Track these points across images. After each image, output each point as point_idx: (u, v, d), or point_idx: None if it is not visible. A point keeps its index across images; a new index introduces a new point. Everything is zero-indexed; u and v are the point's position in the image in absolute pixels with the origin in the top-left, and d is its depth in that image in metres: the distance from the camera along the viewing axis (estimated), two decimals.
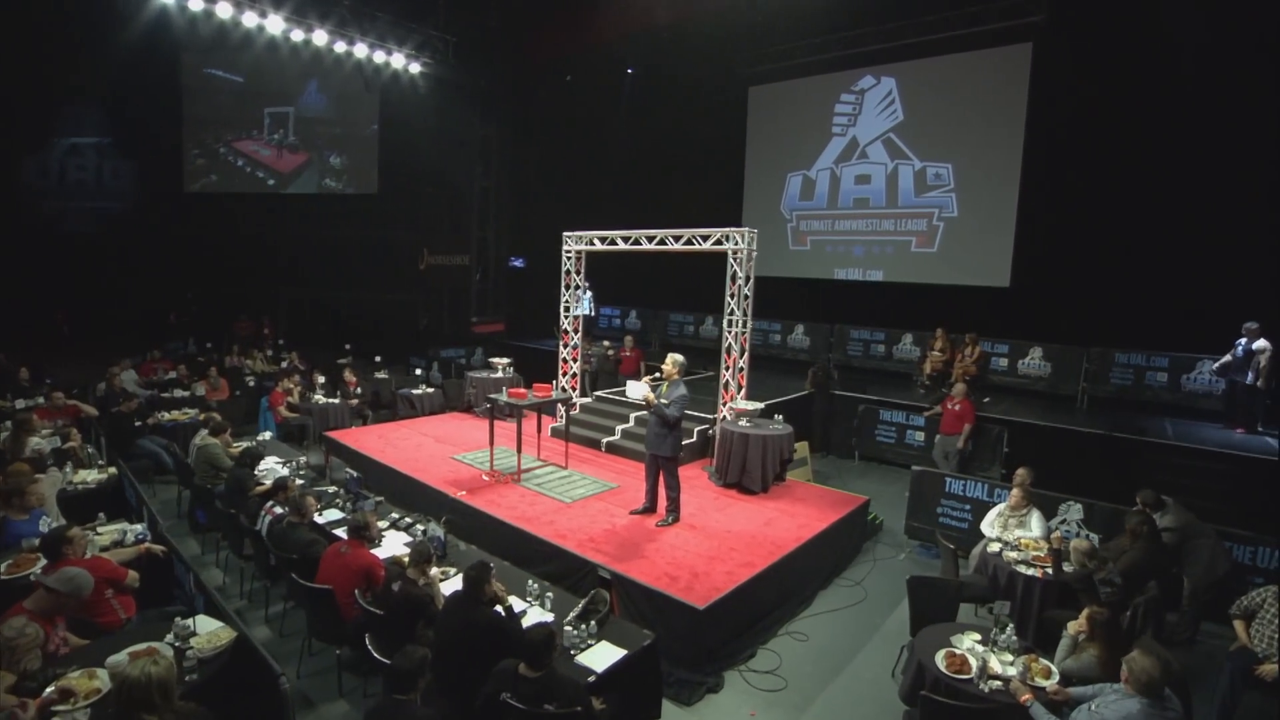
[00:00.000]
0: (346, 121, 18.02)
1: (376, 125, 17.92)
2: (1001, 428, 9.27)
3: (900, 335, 12.66)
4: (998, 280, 12.36)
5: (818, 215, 14.73)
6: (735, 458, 7.29)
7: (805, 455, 8.98)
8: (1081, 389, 10.62)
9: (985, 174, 12.46)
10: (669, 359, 6.32)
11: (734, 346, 8.22)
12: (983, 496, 6.76)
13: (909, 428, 10.08)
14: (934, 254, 13.23)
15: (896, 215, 13.64)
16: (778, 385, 11.12)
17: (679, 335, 15.92)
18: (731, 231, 8.14)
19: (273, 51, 13.05)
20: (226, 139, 17.83)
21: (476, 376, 10.66)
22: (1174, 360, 9.94)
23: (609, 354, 12.10)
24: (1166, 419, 9.66)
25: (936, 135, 13.00)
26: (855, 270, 14.29)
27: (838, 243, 14.50)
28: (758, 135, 15.52)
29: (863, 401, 10.61)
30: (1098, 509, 6.24)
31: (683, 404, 6.17)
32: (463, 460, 8.11)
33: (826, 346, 13.59)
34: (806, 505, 7.00)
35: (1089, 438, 8.91)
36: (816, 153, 14.62)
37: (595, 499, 6.97)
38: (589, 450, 8.81)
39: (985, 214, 12.50)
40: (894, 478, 9.97)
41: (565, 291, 9.82)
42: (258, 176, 18.02)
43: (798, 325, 14.14)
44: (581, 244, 9.60)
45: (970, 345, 11.09)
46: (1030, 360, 11.09)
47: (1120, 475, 8.46)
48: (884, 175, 13.76)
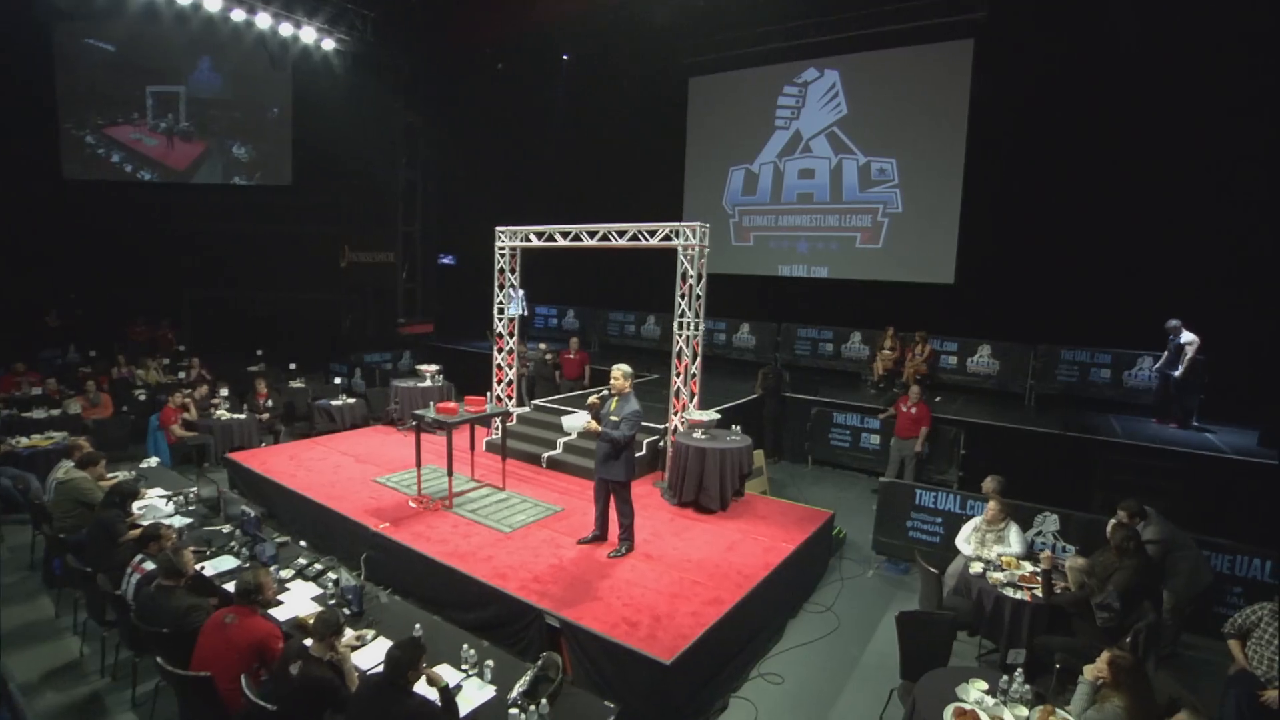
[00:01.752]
0: (250, 104, 16.23)
1: (279, 109, 16.22)
2: (958, 429, 9.02)
3: (848, 334, 12.37)
4: (943, 277, 12.21)
5: (761, 210, 14.32)
6: (691, 474, 6.68)
7: (761, 464, 8.47)
8: (1029, 386, 10.54)
9: (929, 170, 12.29)
10: (617, 371, 5.63)
11: (685, 351, 7.61)
12: (955, 509, 6.37)
13: (864, 431, 9.73)
14: (879, 250, 13.01)
15: (841, 211, 13.36)
16: (725, 387, 10.61)
17: (619, 335, 15.25)
18: (682, 226, 7.52)
19: (153, 20, 11.54)
20: (99, 125, 15.54)
21: (402, 386, 9.68)
22: (1117, 357, 9.95)
23: (547, 358, 11.32)
24: (1111, 415, 9.68)
25: (880, 130, 12.76)
26: (800, 267, 13.95)
27: (781, 238, 14.13)
28: (699, 128, 14.98)
29: (815, 404, 10.21)
30: (1074, 520, 5.94)
31: (635, 422, 5.49)
32: (386, 484, 7.19)
33: (773, 346, 13.19)
34: (770, 524, 6.46)
35: (1044, 438, 8.76)
36: (759, 146, 14.19)
37: (538, 526, 6.21)
38: (528, 467, 8.03)
39: (930, 210, 12.34)
40: (850, 483, 9.62)
41: (499, 292, 8.99)
42: (140, 177, 15.86)
43: (743, 324, 13.69)
44: (517, 240, 8.80)
45: (920, 344, 10.87)
46: (979, 358, 10.95)
47: (1077, 475, 8.38)
48: (828, 170, 13.46)
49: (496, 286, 9.03)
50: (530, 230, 8.67)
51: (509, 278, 8.93)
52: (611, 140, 15.34)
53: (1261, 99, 8.83)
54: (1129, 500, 5.47)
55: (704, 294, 7.69)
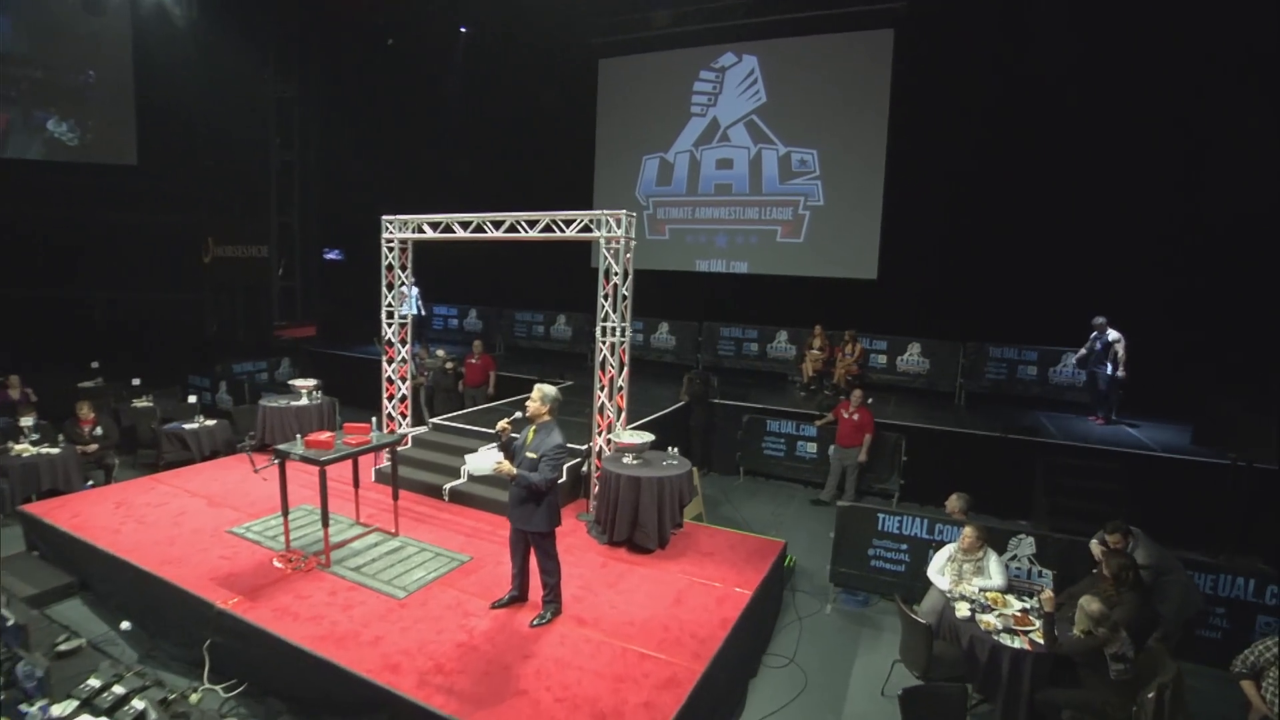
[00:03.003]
0: (57, 63, 13.17)
1: (97, 73, 13.45)
2: (899, 435, 8.51)
3: (774, 333, 11.75)
4: (865, 272, 11.82)
5: (676, 202, 13.50)
6: (624, 508, 5.67)
7: (697, 483, 7.59)
8: (959, 385, 10.25)
9: (851, 162, 11.85)
10: (536, 394, 4.53)
11: (610, 360, 6.60)
12: (922, 534, 5.71)
13: (800, 439, 9.07)
14: (801, 244, 12.47)
15: (761, 203, 12.73)
16: (646, 394, 9.71)
17: (527, 337, 14.01)
18: (605, 215, 6.49)
19: None
20: None
21: (270, 407, 8.08)
22: (1043, 354, 9.82)
23: (447, 366, 9.98)
24: (1040, 412, 9.54)
25: (801, 119, 12.21)
26: (718, 262, 13.23)
27: (699, 232, 13.37)
28: (610, 113, 13.95)
29: (747, 411, 9.47)
30: (1051, 543, 5.38)
31: (558, 461, 4.41)
32: (245, 535, 5.73)
33: (694, 346, 12.40)
34: (718, 562, 5.56)
35: (985, 442, 8.40)
36: (674, 134, 13.35)
37: (441, 585, 5.02)
38: (428, 501, 6.76)
39: (852, 203, 11.91)
40: (786, 496, 8.93)
41: (387, 292, 7.65)
42: None
43: (661, 323, 12.83)
44: (407, 231, 7.48)
45: (850, 343, 10.36)
46: (909, 357, 10.59)
47: (1019, 479, 8.07)
48: (747, 160, 12.79)
49: (385, 286, 7.68)
50: (424, 220, 7.38)
51: (398, 275, 7.60)
52: (514, 125, 14.05)
53: (1187, 92, 8.82)
54: (1115, 522, 4.95)
55: (631, 294, 6.70)
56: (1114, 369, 8.68)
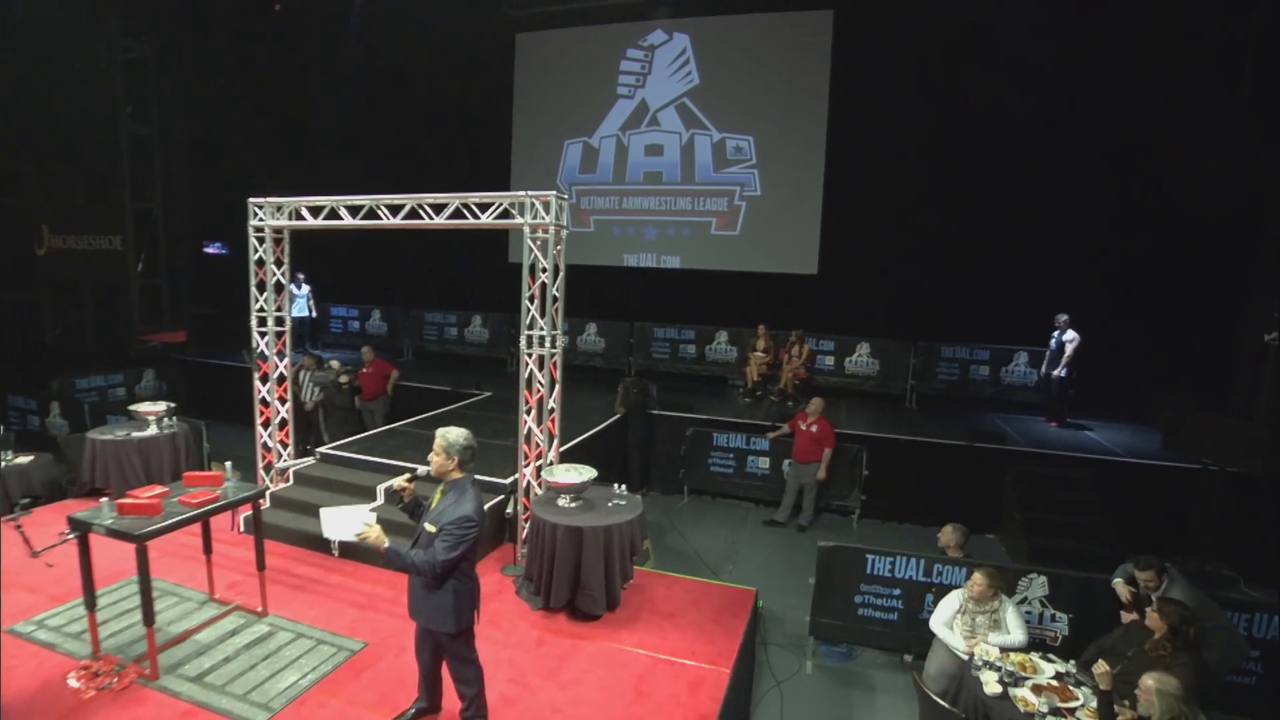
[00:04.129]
0: None
1: None
2: (860, 447, 7.74)
3: (713, 333, 10.82)
4: (805, 267, 11.09)
5: (602, 190, 12.35)
6: (563, 565, 4.50)
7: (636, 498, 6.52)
8: (910, 387, 9.65)
9: (789, 149, 11.08)
10: (439, 442, 3.23)
11: (539, 377, 5.41)
12: (918, 576, 4.85)
13: (750, 453, 8.16)
14: (737, 237, 11.61)
15: (694, 193, 11.78)
16: (575, 405, 8.54)
17: (438, 340, 12.51)
18: (530, 197, 5.30)
19: None
20: None
21: (104, 439, 6.32)
22: (995, 353, 9.36)
23: (341, 380, 8.45)
24: (994, 415, 9.08)
25: (736, 103, 11.33)
26: (648, 256, 12.19)
27: (627, 223, 12.28)
28: (528, 92, 12.62)
29: (691, 423, 8.47)
30: (1065, 582, 4.63)
31: (461, 537, 3.09)
32: (32, 636, 4.14)
33: (626, 349, 11.31)
34: (682, 626, 4.50)
35: (950, 451, 7.75)
36: (599, 117, 12.19)
37: (322, 692, 3.70)
38: (313, 558, 5.35)
39: (790, 194, 11.14)
40: (738, 518, 8.01)
41: (259, 293, 6.14)
42: None
43: (589, 324, 11.67)
44: (282, 217, 6.00)
45: (797, 344, 9.57)
46: (858, 358, 9.90)
47: (988, 490, 7.49)
48: (678, 146, 11.80)
49: (254, 285, 6.16)
50: (302, 203, 5.92)
51: (271, 271, 6.11)
52: (421, 104, 12.49)
53: (1140, 86, 8.48)
54: (1147, 558, 4.22)
55: (563, 294, 5.54)
56: (1063, 369, 8.29)
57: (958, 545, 5.15)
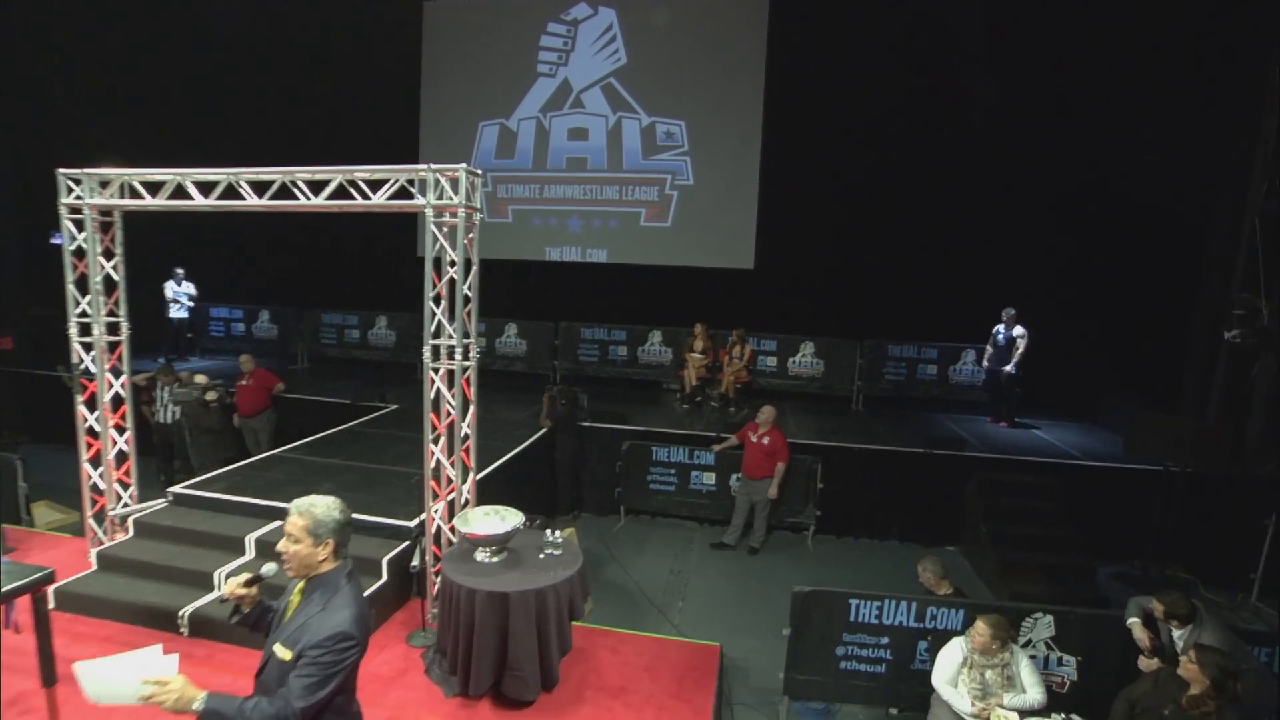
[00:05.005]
0: None
1: None
2: (814, 458, 7.06)
3: (646, 334, 9.96)
4: (741, 261, 10.39)
5: (521, 178, 11.25)
6: (485, 640, 3.50)
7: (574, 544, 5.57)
8: (856, 388, 9.10)
9: (723, 136, 10.34)
10: (300, 519, 2.15)
11: (449, 397, 4.39)
12: (909, 621, 4.13)
13: (694, 468, 7.34)
14: (668, 229, 10.78)
15: (622, 181, 10.87)
16: (494, 418, 7.54)
17: (338, 344, 11.07)
18: (434, 172, 4.27)
19: None
20: None
21: None
22: (943, 351, 8.93)
23: (209, 396, 7.03)
24: (943, 415, 8.68)
25: (667, 85, 10.48)
26: (572, 249, 11.19)
27: (549, 214, 11.23)
28: (439, 68, 11.33)
29: (626, 436, 7.58)
30: (1073, 621, 4.01)
31: (332, 669, 2.02)
32: None
33: (550, 351, 10.28)
34: (636, 706, 3.61)
35: (907, 459, 7.18)
36: (518, 97, 11.08)
37: None
38: (155, 636, 4.11)
39: (725, 183, 10.40)
40: (682, 541, 7.18)
41: (79, 296, 4.80)
42: None
43: (508, 324, 10.55)
44: (109, 195, 4.70)
45: (738, 344, 8.83)
46: (802, 358, 9.27)
47: (949, 500, 6.98)
48: (604, 130, 10.85)
49: (71, 282, 4.82)
50: (135, 177, 4.63)
51: (97, 263, 4.78)
52: (313, 76, 11.00)
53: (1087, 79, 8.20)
54: (1172, 594, 3.64)
55: (477, 293, 4.53)
56: (1014, 367, 7.92)
57: (937, 577, 4.48)
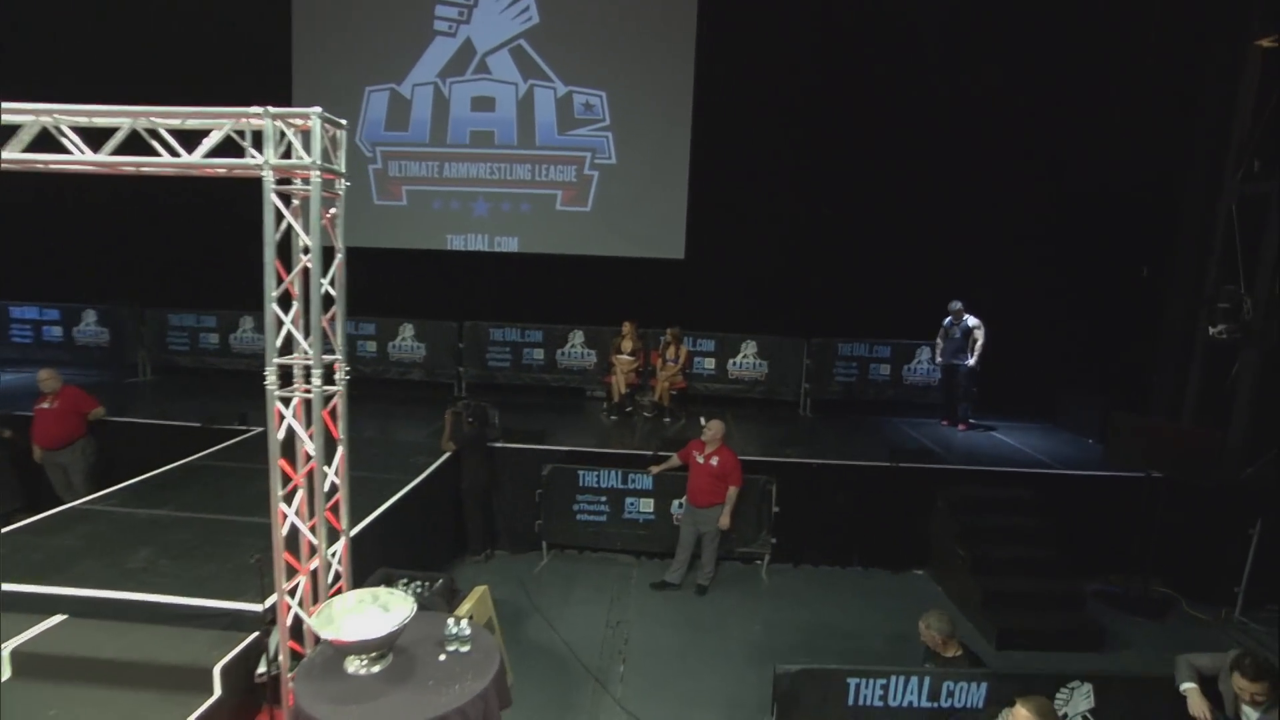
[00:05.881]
0: None
1: None
2: (769, 477, 6.10)
3: (566, 334, 8.72)
4: (671, 251, 9.35)
5: (417, 154, 9.70)
6: None
7: (492, 620, 4.32)
8: (804, 391, 8.25)
9: (650, 109, 9.22)
10: None
11: (306, 437, 3.05)
12: (919, 701, 3.19)
13: (629, 494, 6.22)
14: (588, 214, 9.57)
15: (535, 159, 9.55)
16: (383, 442, 6.16)
17: (190, 351, 9.14)
18: (274, 119, 2.90)
19: None
20: None
21: None
22: (897, 349, 8.22)
23: None
24: (898, 420, 8.03)
25: (585, 50, 9.24)
26: (479, 237, 9.77)
27: (450, 196, 9.75)
28: (313, 21, 9.53)
29: (548, 457, 6.35)
30: (1115, 688, 3.19)
31: None
32: None
33: (454, 356, 8.86)
34: None
35: (870, 473, 6.35)
36: (411, 58, 9.51)
37: None
38: None
39: (651, 163, 9.30)
40: (617, 581, 6.07)
41: None
42: None
43: (404, 325, 9.03)
44: None
45: (672, 344, 7.79)
46: (744, 359, 8.33)
47: (917, 520, 6.22)
48: (514, 100, 9.48)
49: None
50: None
51: None
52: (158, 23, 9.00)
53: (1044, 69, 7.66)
54: (1253, 658, 2.87)
55: (344, 292, 3.20)
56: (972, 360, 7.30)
57: (948, 636, 3.58)
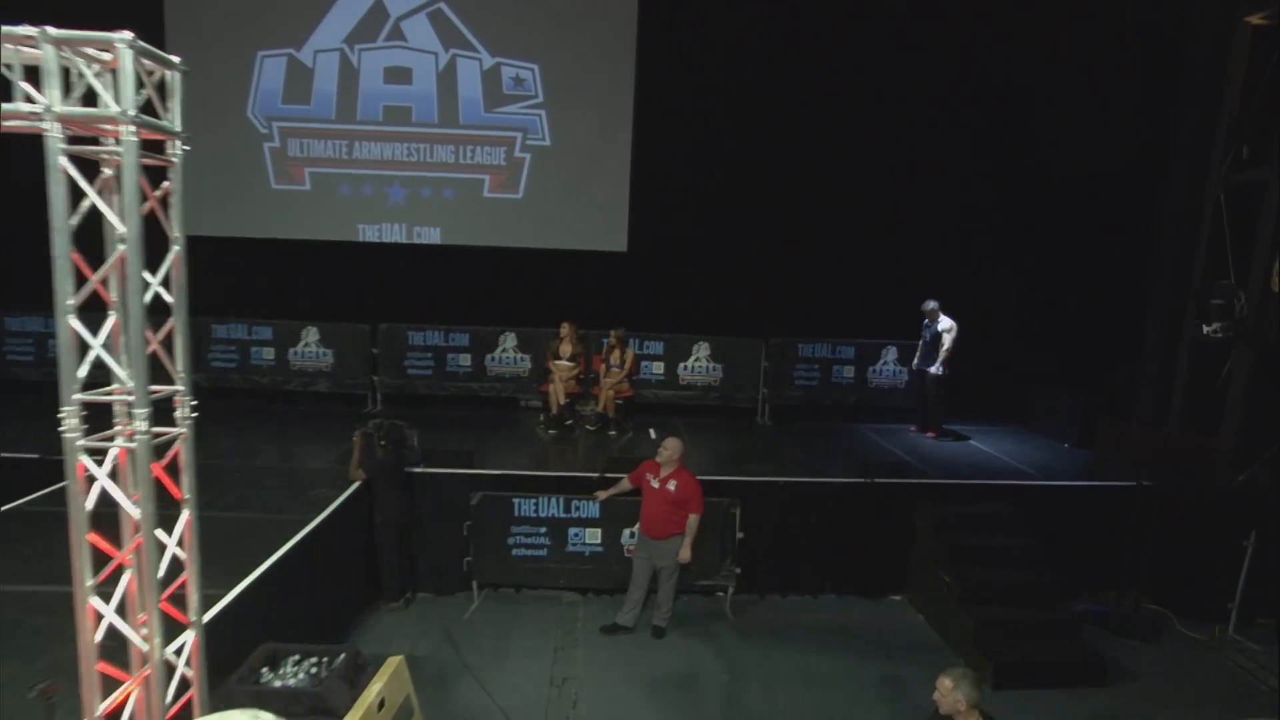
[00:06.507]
0: None
1: None
2: (732, 500, 5.37)
3: (497, 337, 7.74)
4: (612, 243, 8.52)
5: (321, 131, 8.49)
6: None
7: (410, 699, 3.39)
8: (763, 397, 7.57)
9: (587, 86, 8.34)
10: None
11: (129, 505, 2.05)
12: None
13: (572, 523, 5.37)
14: (520, 201, 8.61)
15: (459, 139, 8.50)
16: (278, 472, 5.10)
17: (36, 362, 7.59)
18: (56, 45, 1.86)
19: None
20: None
21: None
22: (861, 349, 7.65)
23: None
24: (864, 426, 7.49)
25: (514, 17, 8.26)
26: (395, 227, 8.64)
27: (361, 180, 8.59)
28: None
29: (477, 483, 5.42)
30: None
31: None
32: None
33: (367, 363, 7.72)
34: None
35: (843, 491, 5.72)
36: (312, 20, 8.28)
37: None
38: None
39: (590, 144, 8.43)
40: (560, 625, 5.25)
41: None
42: None
43: (308, 328, 7.81)
44: None
45: (616, 347, 6.98)
46: (696, 362, 7.58)
47: (896, 542, 5.64)
48: (433, 71, 8.40)
49: None
50: None
51: None
52: None
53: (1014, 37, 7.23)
54: None
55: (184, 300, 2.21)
56: (940, 366, 6.82)
57: (973, 706, 2.93)
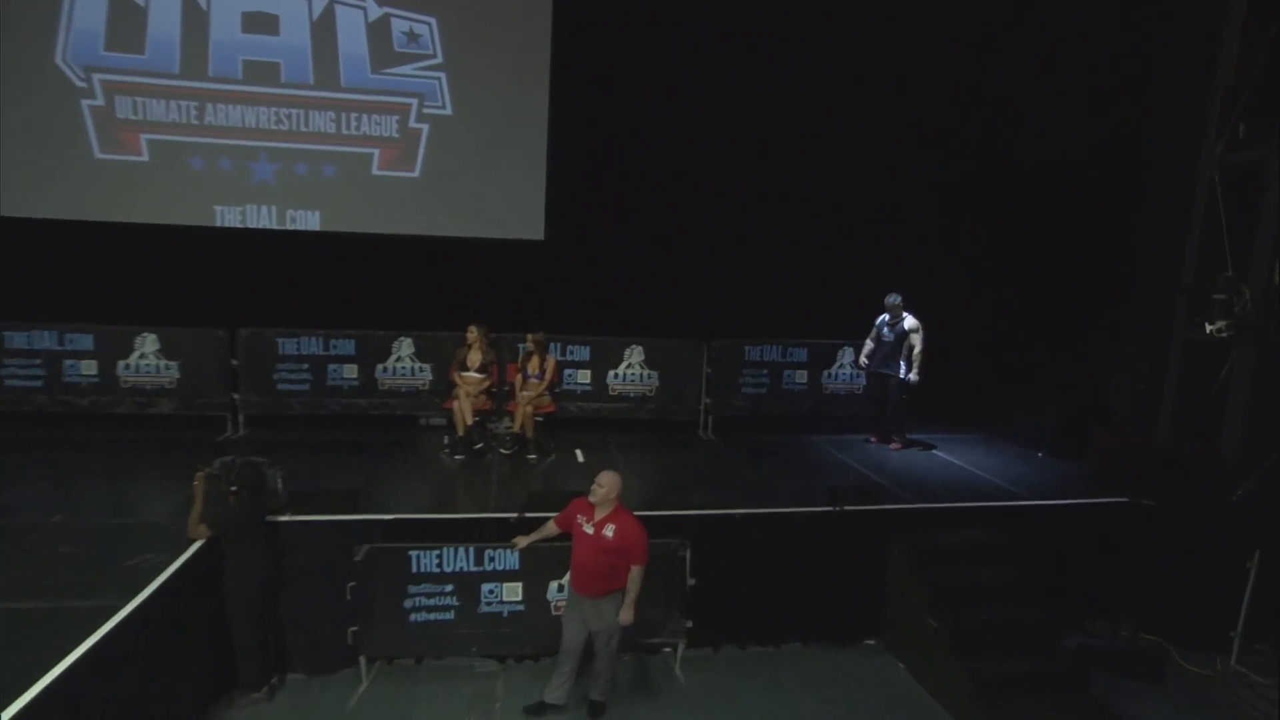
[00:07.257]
0: None
1: None
2: (681, 540, 4.43)
3: (390, 343, 6.43)
4: (526, 230, 7.37)
5: (162, 88, 6.86)
6: None
7: None
8: (705, 407, 6.67)
9: (496, 45, 7.12)
10: None
11: None
12: None
13: (486, 577, 4.28)
14: (416, 181, 7.31)
15: (340, 104, 7.09)
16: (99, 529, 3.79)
17: None
18: None
19: None
20: None
21: None
22: (815, 350, 6.89)
23: None
24: (820, 438, 6.73)
25: None
26: (263, 210, 7.14)
27: (218, 151, 7.02)
28: None
29: (365, 533, 4.21)
30: None
31: None
32: None
33: (225, 378, 6.23)
34: None
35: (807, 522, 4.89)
36: None
37: None
38: None
39: (499, 114, 7.22)
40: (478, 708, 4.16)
41: None
42: None
43: (143, 335, 6.22)
44: None
45: (535, 354, 5.88)
46: (628, 369, 6.57)
47: (871, 579, 4.90)
48: (305, 21, 6.96)
49: None
50: None
51: None
52: None
53: None
54: None
55: None
56: (907, 370, 6.15)
57: None
